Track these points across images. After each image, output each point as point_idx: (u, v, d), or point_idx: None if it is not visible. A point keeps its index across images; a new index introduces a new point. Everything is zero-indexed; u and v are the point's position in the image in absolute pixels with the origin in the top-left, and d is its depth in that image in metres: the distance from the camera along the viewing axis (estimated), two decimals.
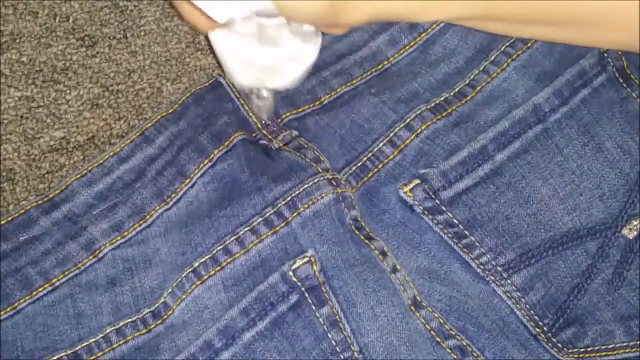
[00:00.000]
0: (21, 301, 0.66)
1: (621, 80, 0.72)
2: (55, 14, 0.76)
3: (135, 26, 0.77)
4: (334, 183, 0.68)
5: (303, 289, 0.65)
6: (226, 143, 0.69)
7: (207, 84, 0.73)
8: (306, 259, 0.65)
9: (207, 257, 0.66)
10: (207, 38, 0.64)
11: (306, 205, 0.67)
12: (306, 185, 0.67)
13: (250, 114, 0.71)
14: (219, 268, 0.66)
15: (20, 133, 0.73)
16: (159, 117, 0.71)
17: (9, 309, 0.65)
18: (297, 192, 0.67)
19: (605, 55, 0.72)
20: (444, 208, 0.67)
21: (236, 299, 0.65)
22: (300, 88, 0.72)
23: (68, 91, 0.75)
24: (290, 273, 0.64)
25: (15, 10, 0.76)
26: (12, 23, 0.76)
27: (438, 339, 0.65)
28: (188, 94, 0.72)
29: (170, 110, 0.72)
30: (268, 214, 0.66)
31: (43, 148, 0.73)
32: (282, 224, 0.66)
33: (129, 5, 0.77)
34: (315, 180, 0.67)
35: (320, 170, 0.68)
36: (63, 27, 0.76)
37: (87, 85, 0.75)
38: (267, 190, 0.67)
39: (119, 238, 0.67)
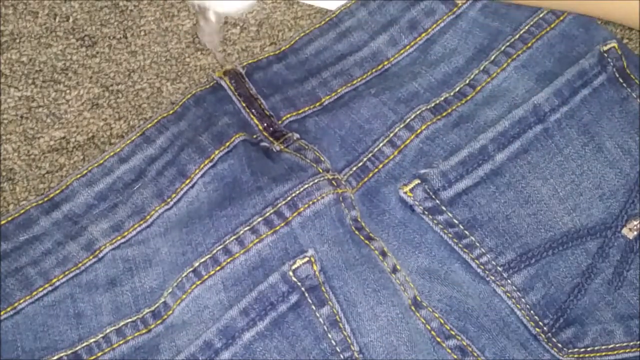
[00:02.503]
0: (21, 301, 0.65)
1: (621, 81, 0.72)
2: (55, 14, 0.76)
3: (135, 26, 0.77)
4: (335, 183, 0.68)
5: (303, 289, 0.64)
6: (227, 143, 0.69)
7: (207, 86, 0.73)
8: (306, 259, 0.65)
9: (207, 256, 0.66)
10: None
11: (306, 205, 0.67)
12: (306, 185, 0.67)
13: (252, 116, 0.71)
14: (219, 268, 0.65)
15: (20, 133, 0.73)
16: (159, 117, 0.71)
17: (9, 309, 0.65)
18: (298, 191, 0.67)
19: (605, 55, 0.72)
20: (444, 208, 0.67)
21: (236, 299, 0.65)
22: (301, 89, 0.72)
23: (68, 91, 0.75)
24: (290, 273, 0.64)
25: (15, 10, 0.76)
26: (12, 23, 0.76)
27: (438, 339, 0.65)
28: (189, 95, 0.72)
29: (171, 112, 0.72)
30: (268, 214, 0.66)
31: (43, 148, 0.73)
32: (282, 224, 0.66)
33: (129, 5, 0.77)
34: (316, 181, 0.67)
35: (321, 171, 0.68)
36: (63, 27, 0.76)
37: (87, 85, 0.75)
38: (268, 190, 0.67)
39: (119, 238, 0.67)
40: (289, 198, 0.67)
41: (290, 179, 0.68)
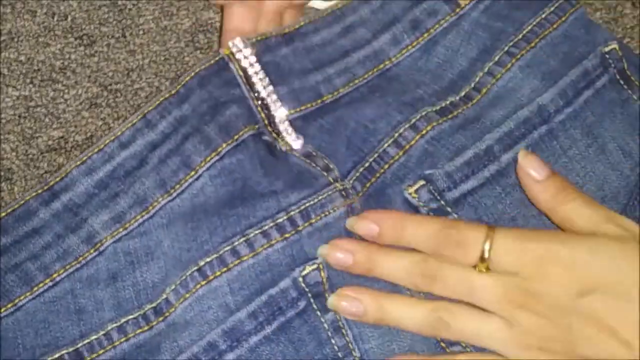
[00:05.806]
0: (22, 297, 0.64)
1: (622, 82, 0.72)
2: (53, 13, 0.76)
3: (134, 25, 0.76)
4: (344, 194, 0.67)
5: (310, 295, 0.64)
6: (235, 137, 0.68)
7: (211, 63, 0.70)
8: (315, 266, 0.64)
9: (213, 256, 0.65)
10: None
11: (319, 217, 0.66)
12: (321, 197, 0.67)
13: (259, 109, 0.70)
14: (225, 269, 0.65)
15: (19, 133, 0.73)
16: (161, 99, 0.69)
17: (9, 306, 0.64)
18: (312, 202, 0.66)
19: (607, 56, 0.72)
20: (449, 209, 0.67)
21: (243, 302, 0.64)
22: (305, 83, 0.71)
23: (66, 90, 0.74)
24: (300, 279, 0.64)
25: (14, 9, 0.76)
26: (10, 22, 0.75)
27: (443, 344, 0.65)
28: (192, 74, 0.69)
29: (174, 92, 0.69)
30: (281, 220, 0.66)
31: (41, 148, 0.73)
32: (293, 232, 0.66)
33: (128, 4, 0.77)
34: (329, 193, 0.67)
35: (332, 181, 0.68)
36: (61, 26, 0.76)
37: (85, 85, 0.75)
38: (283, 195, 0.66)
39: (121, 230, 0.66)
40: (302, 207, 0.66)
41: (304, 187, 0.67)
